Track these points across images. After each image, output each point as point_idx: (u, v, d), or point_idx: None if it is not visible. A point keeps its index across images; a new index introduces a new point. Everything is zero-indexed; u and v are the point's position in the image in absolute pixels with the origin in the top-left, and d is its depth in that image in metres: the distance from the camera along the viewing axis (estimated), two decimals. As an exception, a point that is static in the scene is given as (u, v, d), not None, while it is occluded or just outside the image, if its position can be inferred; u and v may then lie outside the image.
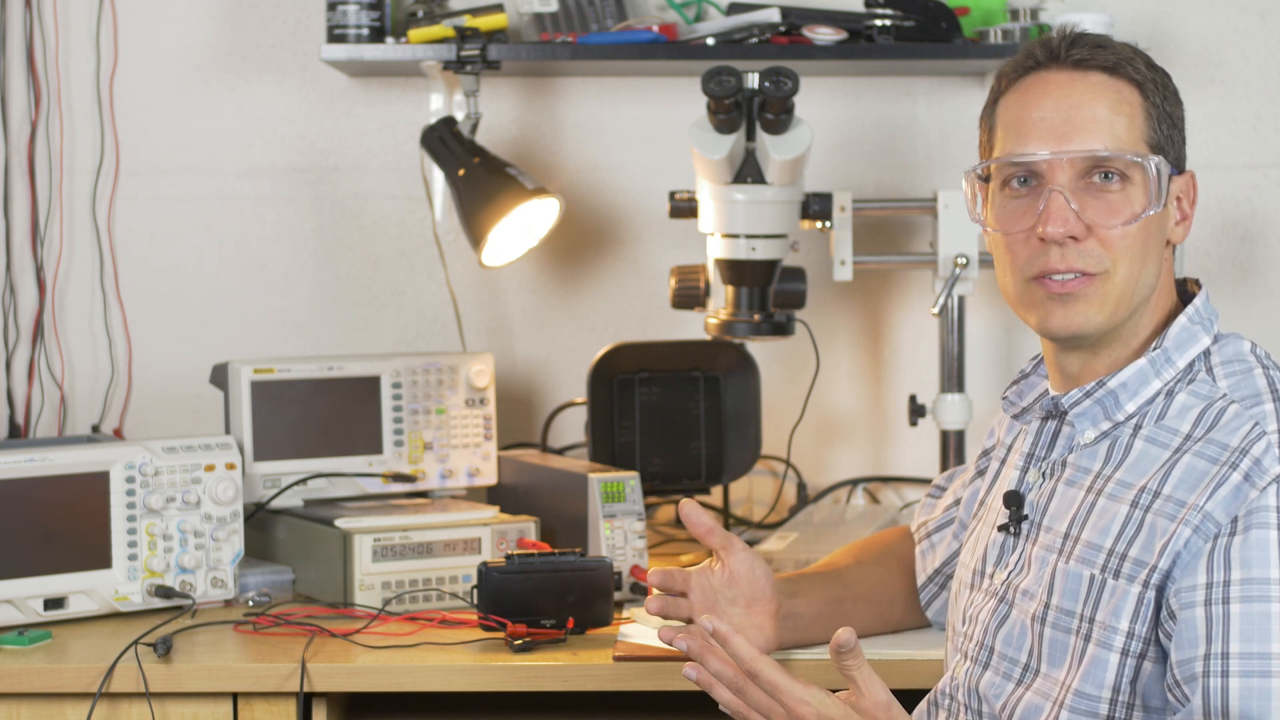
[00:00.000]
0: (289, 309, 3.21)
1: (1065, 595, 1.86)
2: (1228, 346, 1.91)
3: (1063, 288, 1.88)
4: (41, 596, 2.48)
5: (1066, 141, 1.88)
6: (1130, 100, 1.90)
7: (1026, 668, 1.89)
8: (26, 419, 3.16)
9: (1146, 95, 1.91)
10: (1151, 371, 1.89)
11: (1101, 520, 1.85)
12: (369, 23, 2.98)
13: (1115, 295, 1.88)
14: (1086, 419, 1.92)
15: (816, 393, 3.11)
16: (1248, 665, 1.72)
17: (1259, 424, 1.80)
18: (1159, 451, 1.85)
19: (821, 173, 3.12)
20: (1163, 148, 1.91)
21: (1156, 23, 3.16)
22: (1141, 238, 1.88)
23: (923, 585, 2.31)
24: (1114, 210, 1.88)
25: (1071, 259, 1.87)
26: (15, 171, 3.16)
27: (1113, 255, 1.87)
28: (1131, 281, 1.88)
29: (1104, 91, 1.89)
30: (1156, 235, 1.90)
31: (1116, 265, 1.87)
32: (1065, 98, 1.89)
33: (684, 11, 3.07)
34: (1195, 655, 1.74)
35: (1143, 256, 1.89)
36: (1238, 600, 1.74)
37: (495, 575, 2.39)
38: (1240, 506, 1.76)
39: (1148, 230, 1.89)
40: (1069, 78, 1.90)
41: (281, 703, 2.31)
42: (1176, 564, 1.78)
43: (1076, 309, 1.88)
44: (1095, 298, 1.88)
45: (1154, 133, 1.90)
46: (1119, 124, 1.88)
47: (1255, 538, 1.75)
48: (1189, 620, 1.76)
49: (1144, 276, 1.89)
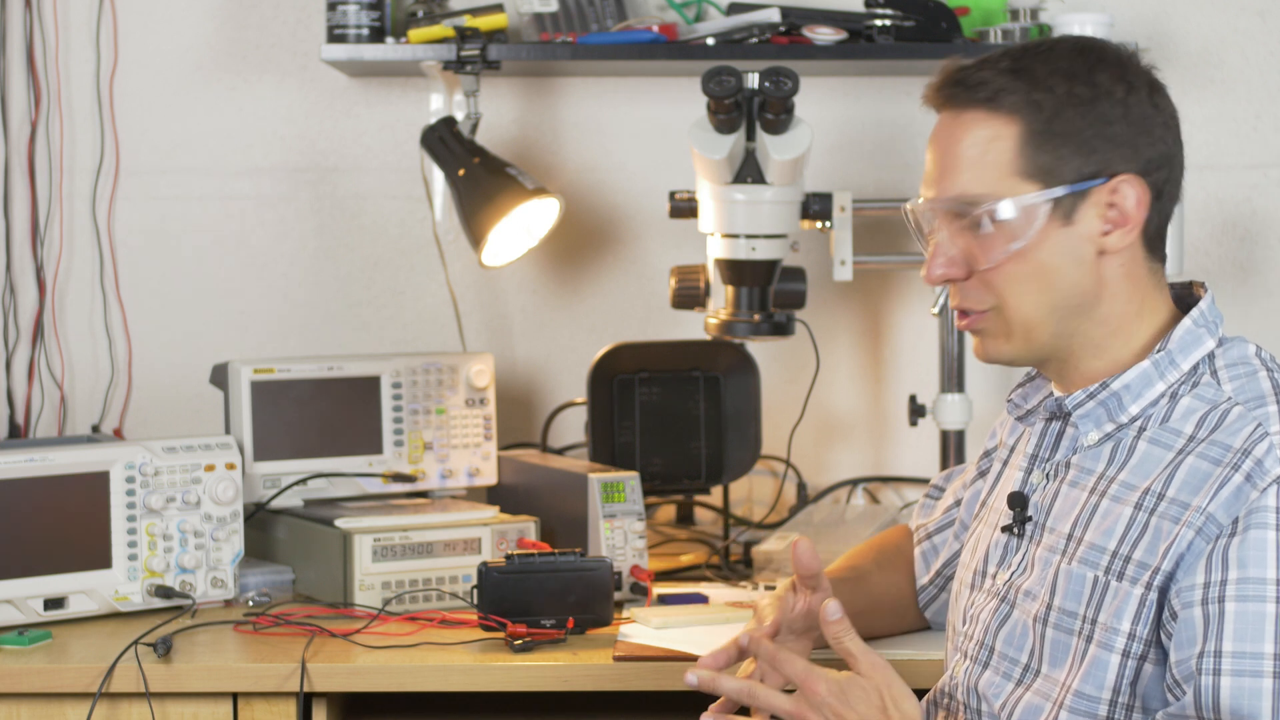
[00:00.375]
0: (289, 309, 3.21)
1: (1068, 596, 1.86)
2: (1232, 350, 1.91)
3: (965, 324, 1.94)
4: (41, 596, 2.48)
5: (935, 188, 1.91)
6: (1000, 134, 1.87)
7: (1027, 668, 1.90)
8: (26, 419, 3.16)
9: (1025, 122, 1.87)
10: (1155, 374, 1.89)
11: (1105, 522, 1.85)
12: (369, 23, 2.98)
13: (1016, 326, 1.90)
14: (1090, 420, 1.92)
15: (816, 393, 3.11)
16: (1240, 664, 1.72)
17: (1262, 425, 1.80)
18: (1162, 453, 1.85)
19: (821, 173, 3.12)
20: (1048, 171, 1.86)
21: (1156, 23, 3.16)
22: (1031, 268, 1.87)
23: (923, 587, 2.31)
24: (985, 249, 1.89)
25: (961, 299, 1.93)
26: (15, 171, 3.16)
27: (995, 291, 1.89)
28: (1027, 312, 1.89)
29: (971, 130, 1.88)
30: (1058, 259, 1.87)
31: (1003, 299, 1.89)
32: (940, 142, 1.92)
33: (684, 11, 3.07)
34: (1191, 654, 1.75)
35: (1036, 285, 1.88)
36: (1233, 599, 1.74)
37: (495, 575, 2.39)
38: (1241, 507, 1.77)
39: (1038, 260, 1.87)
40: (948, 120, 1.91)
41: (281, 703, 2.31)
42: (1180, 566, 1.78)
43: (985, 342, 1.94)
44: (995, 331, 1.92)
45: (1033, 160, 1.86)
46: (983, 165, 1.87)
47: (1254, 538, 1.75)
48: (1188, 619, 1.76)
49: (1051, 300, 1.88)
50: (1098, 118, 1.87)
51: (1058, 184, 1.86)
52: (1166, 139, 1.93)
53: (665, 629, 2.41)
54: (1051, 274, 1.88)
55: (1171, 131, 1.94)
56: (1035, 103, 1.87)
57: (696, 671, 1.92)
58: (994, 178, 1.88)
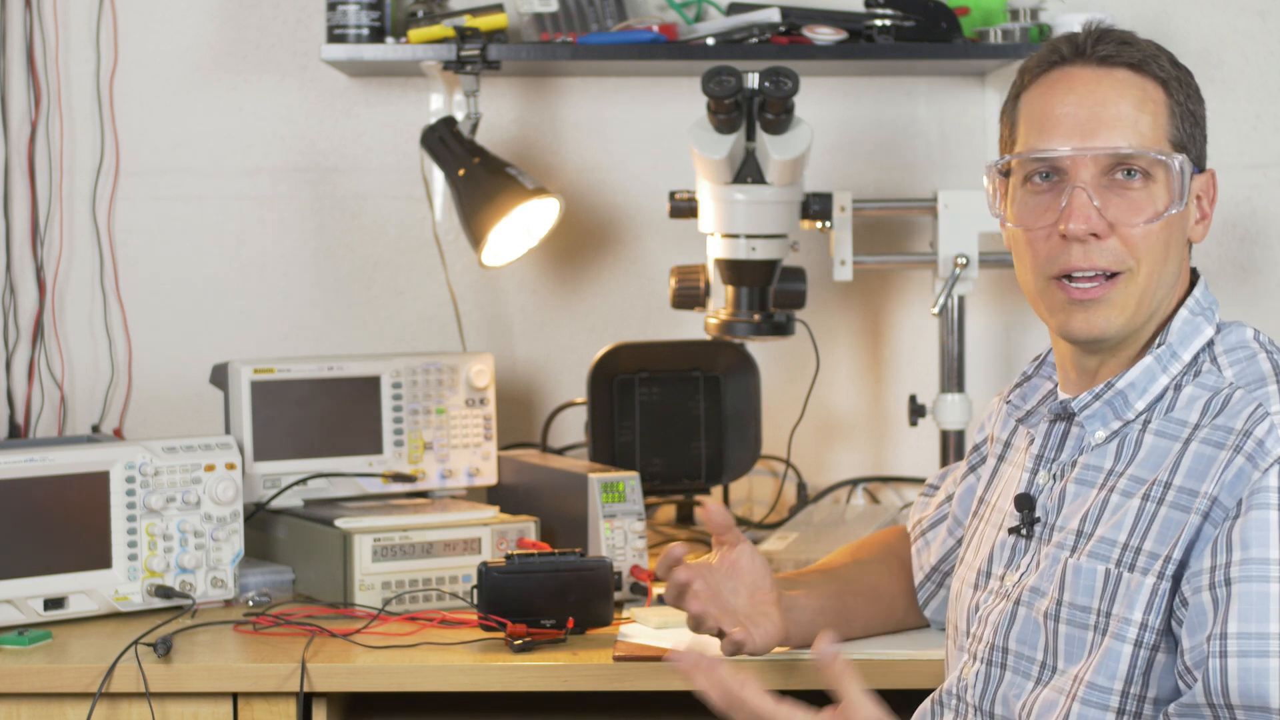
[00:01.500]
0: (289, 309, 3.21)
1: (1078, 591, 1.86)
2: (1230, 335, 1.91)
3: (1085, 294, 1.87)
4: (41, 596, 2.48)
5: (1091, 138, 1.87)
6: (1155, 98, 1.89)
7: (1044, 665, 1.89)
8: (26, 419, 3.16)
9: (1171, 93, 1.90)
10: (1158, 368, 1.89)
11: (1115, 516, 1.85)
12: (369, 23, 2.98)
13: (1136, 296, 1.88)
14: (1097, 420, 1.92)
15: (816, 393, 3.11)
16: (1245, 645, 1.72)
17: (1262, 405, 1.81)
18: (1168, 444, 1.85)
19: (821, 173, 3.12)
20: (1185, 146, 1.90)
21: (1156, 23, 3.16)
22: (1163, 237, 1.88)
23: (920, 583, 2.31)
24: (1137, 208, 1.87)
25: (1094, 257, 1.87)
26: (15, 171, 3.16)
27: (1135, 254, 1.87)
28: (1153, 281, 1.88)
29: (1129, 89, 1.89)
30: (1178, 234, 1.90)
31: (1140, 264, 1.87)
32: (1090, 94, 1.89)
33: (684, 11, 3.07)
34: (1202, 639, 1.75)
35: (1164, 256, 1.88)
36: (1237, 581, 1.74)
37: (495, 575, 2.39)
38: (1244, 488, 1.77)
39: (1169, 229, 1.88)
40: (1094, 74, 1.90)
41: (281, 703, 2.31)
42: (1190, 553, 1.78)
43: (1098, 313, 1.88)
44: (1117, 301, 1.88)
45: (1177, 131, 1.89)
46: (1143, 121, 1.87)
47: (1255, 518, 1.75)
48: (1197, 605, 1.76)
49: (1164, 276, 1.89)
50: (1202, 109, 1.93)
51: (1194, 161, 1.90)
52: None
53: (665, 629, 2.41)
54: (1173, 248, 1.90)
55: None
56: (1176, 78, 1.90)
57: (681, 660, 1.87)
58: (1154, 138, 1.88)
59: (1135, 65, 1.90)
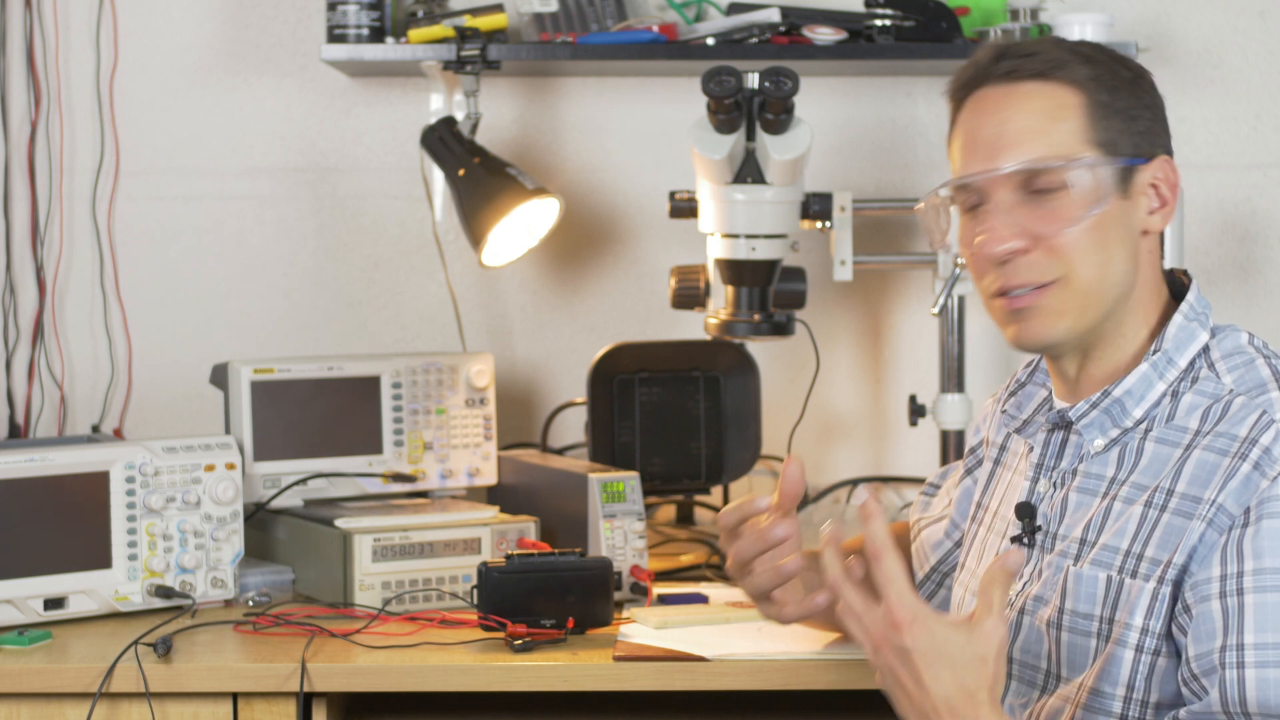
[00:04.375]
0: (289, 309, 3.21)
1: (1081, 599, 1.86)
2: (1226, 340, 1.91)
3: (1018, 302, 1.88)
4: (41, 596, 2.48)
5: (998, 158, 1.88)
6: (1066, 103, 1.88)
7: (1049, 674, 1.89)
8: (26, 419, 3.16)
9: (1089, 93, 1.88)
10: (1154, 375, 1.89)
11: (1117, 524, 1.85)
12: (369, 23, 2.99)
13: (1078, 299, 1.87)
14: (1095, 429, 1.91)
15: (816, 393, 3.11)
16: (1263, 655, 1.72)
17: (1266, 412, 1.80)
18: (1170, 451, 1.85)
19: (821, 173, 3.12)
20: (1112, 143, 1.88)
21: (1156, 23, 3.16)
22: (1096, 237, 1.87)
23: (920, 582, 2.31)
24: (1056, 217, 1.87)
25: (1022, 273, 1.88)
26: (15, 171, 3.16)
27: (1064, 261, 1.86)
28: (1094, 282, 1.87)
29: (1035, 100, 1.89)
30: (1118, 230, 1.88)
31: (1073, 269, 1.87)
32: (997, 113, 1.90)
33: (684, 11, 3.07)
34: (1212, 648, 1.74)
35: (1102, 255, 1.87)
36: (1251, 591, 1.74)
37: (495, 575, 2.39)
38: (1251, 496, 1.76)
39: (1103, 229, 1.87)
40: (1001, 92, 1.90)
41: (281, 703, 2.31)
42: (1192, 558, 1.78)
43: (1037, 321, 1.88)
44: (1054, 307, 1.88)
45: (1098, 130, 1.88)
46: (1057, 130, 1.87)
47: (1267, 528, 1.75)
48: (1205, 613, 1.76)
49: (1110, 274, 1.88)
50: (1142, 97, 1.91)
51: (1119, 156, 1.88)
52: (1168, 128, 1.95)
53: (665, 629, 2.41)
54: (1112, 246, 1.88)
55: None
56: (1095, 76, 1.88)
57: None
58: (1068, 144, 1.87)
59: (1042, 74, 1.89)
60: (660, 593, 2.62)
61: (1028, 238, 1.87)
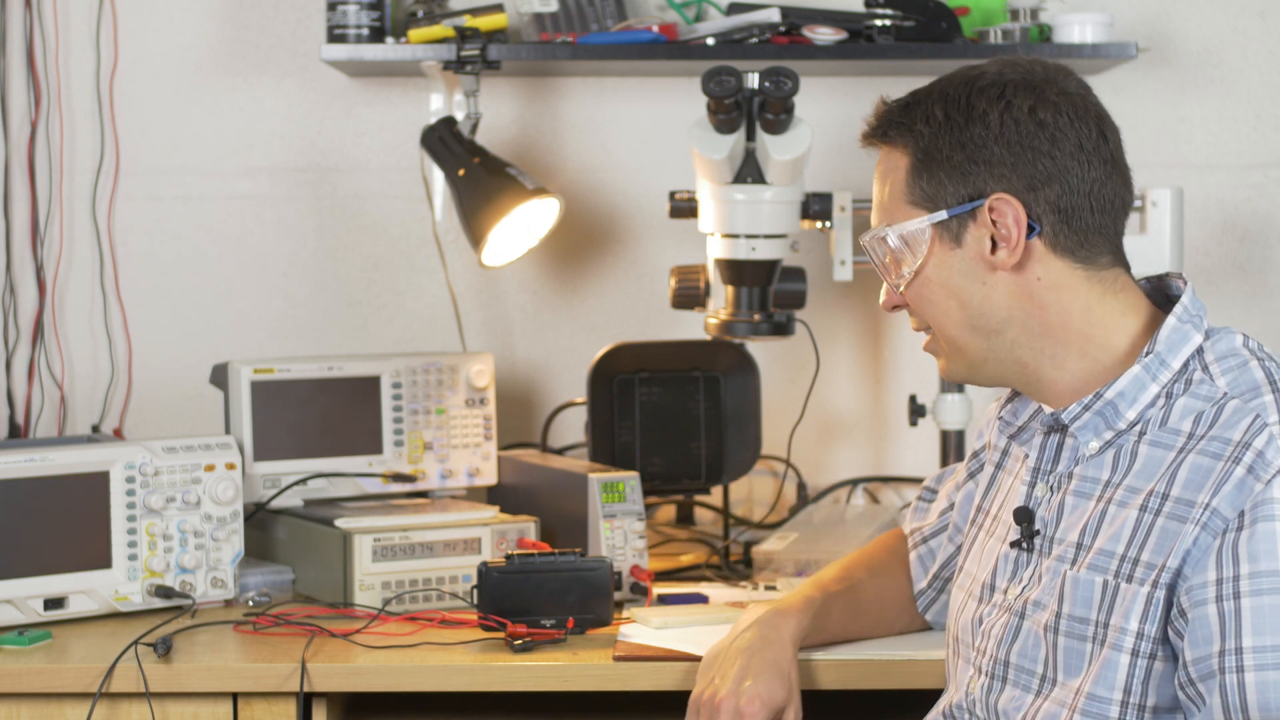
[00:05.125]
0: (289, 309, 3.21)
1: (1077, 603, 1.86)
2: (1220, 342, 1.91)
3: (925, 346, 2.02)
4: (41, 596, 2.48)
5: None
6: (896, 164, 1.96)
7: (1044, 678, 1.89)
8: (26, 419, 3.16)
9: (910, 148, 1.94)
10: (1147, 377, 1.89)
11: (1112, 527, 1.85)
12: (369, 23, 2.99)
13: (949, 345, 1.97)
14: (1089, 430, 1.91)
15: (816, 393, 3.11)
16: (1262, 659, 1.72)
17: (1260, 416, 1.80)
18: (1164, 454, 1.85)
19: (821, 173, 3.12)
20: (934, 195, 1.92)
21: (1156, 23, 3.16)
22: (936, 290, 1.94)
23: (921, 591, 2.31)
24: (894, 275, 1.98)
25: (911, 321, 2.01)
26: (15, 171, 3.16)
27: (921, 315, 1.98)
28: (951, 333, 1.95)
29: (881, 164, 2.00)
30: (956, 279, 1.93)
31: (928, 321, 1.98)
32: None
33: (684, 11, 3.07)
34: (1210, 653, 1.75)
35: (944, 307, 1.94)
36: (1248, 595, 1.74)
37: (495, 575, 2.39)
38: (1245, 500, 1.77)
39: (940, 281, 1.94)
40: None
41: (281, 703, 2.31)
42: (1186, 562, 1.78)
43: (942, 363, 2.00)
44: (939, 351, 2.00)
45: (917, 188, 1.93)
46: (884, 193, 1.98)
47: (1262, 531, 1.75)
48: (1201, 618, 1.76)
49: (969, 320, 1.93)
50: (969, 141, 1.91)
51: (940, 208, 1.92)
52: (1055, 154, 1.90)
53: (665, 629, 2.41)
54: (957, 294, 1.93)
55: (1063, 146, 1.90)
56: (917, 133, 1.93)
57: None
58: (893, 208, 1.96)
59: (881, 137, 1.98)
60: (660, 593, 2.62)
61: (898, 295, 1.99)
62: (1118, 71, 3.13)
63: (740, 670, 2.10)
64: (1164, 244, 2.90)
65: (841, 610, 2.26)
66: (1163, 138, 3.17)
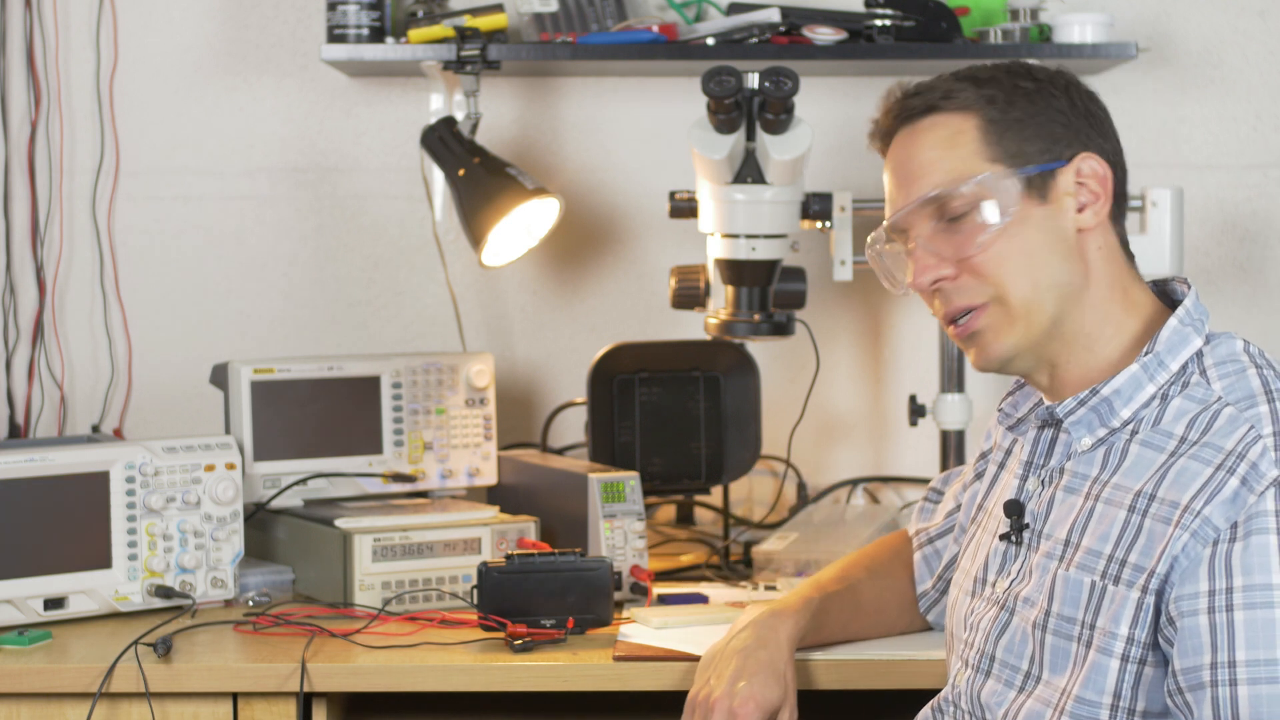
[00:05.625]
0: (289, 309, 3.21)
1: (1066, 602, 1.86)
2: (1220, 347, 1.91)
3: (963, 330, 1.94)
4: (41, 596, 2.48)
5: (905, 196, 1.95)
6: (963, 127, 1.93)
7: (1028, 675, 1.89)
8: (26, 419, 3.16)
9: (982, 113, 1.93)
10: (1145, 376, 1.89)
11: (1100, 526, 1.85)
12: (369, 23, 2.98)
13: (1017, 313, 1.91)
14: (1083, 426, 1.92)
15: (816, 393, 3.11)
16: (1255, 672, 1.72)
17: (1254, 427, 1.80)
18: (1154, 455, 1.85)
19: (821, 173, 3.12)
20: (1015, 154, 1.91)
21: (1156, 23, 3.16)
22: (1018, 247, 1.90)
23: (924, 592, 2.31)
24: (969, 239, 1.91)
25: (954, 299, 1.93)
26: (15, 171, 3.16)
27: (992, 280, 1.90)
28: (1029, 292, 1.90)
29: (931, 133, 1.95)
30: (1044, 237, 1.91)
31: (1002, 286, 1.90)
32: (899, 153, 1.98)
33: (684, 11, 3.07)
34: (1201, 664, 1.74)
35: (1029, 265, 1.90)
36: (1241, 607, 1.74)
37: (495, 575, 2.39)
38: (1239, 512, 1.76)
39: (1023, 238, 1.90)
40: (904, 133, 1.98)
41: (281, 703, 2.31)
42: (1174, 569, 1.78)
43: (983, 342, 1.93)
44: (996, 325, 1.92)
45: (998, 146, 1.92)
46: (953, 156, 1.92)
47: (1256, 543, 1.75)
48: (1192, 628, 1.76)
49: (1045, 281, 1.90)
50: (1048, 106, 1.93)
51: (1027, 164, 1.91)
52: (1114, 138, 1.97)
53: (665, 629, 2.41)
54: (1039, 252, 1.90)
55: (1115, 133, 1.98)
56: (987, 96, 1.93)
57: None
58: (967, 167, 1.92)
59: (934, 107, 1.95)
60: (660, 593, 2.62)
61: (951, 264, 1.92)
62: (1118, 71, 3.13)
63: (735, 671, 2.09)
64: (1164, 244, 2.90)
65: (840, 610, 2.26)
66: (1163, 138, 3.17)
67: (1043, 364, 1.95)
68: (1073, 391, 1.93)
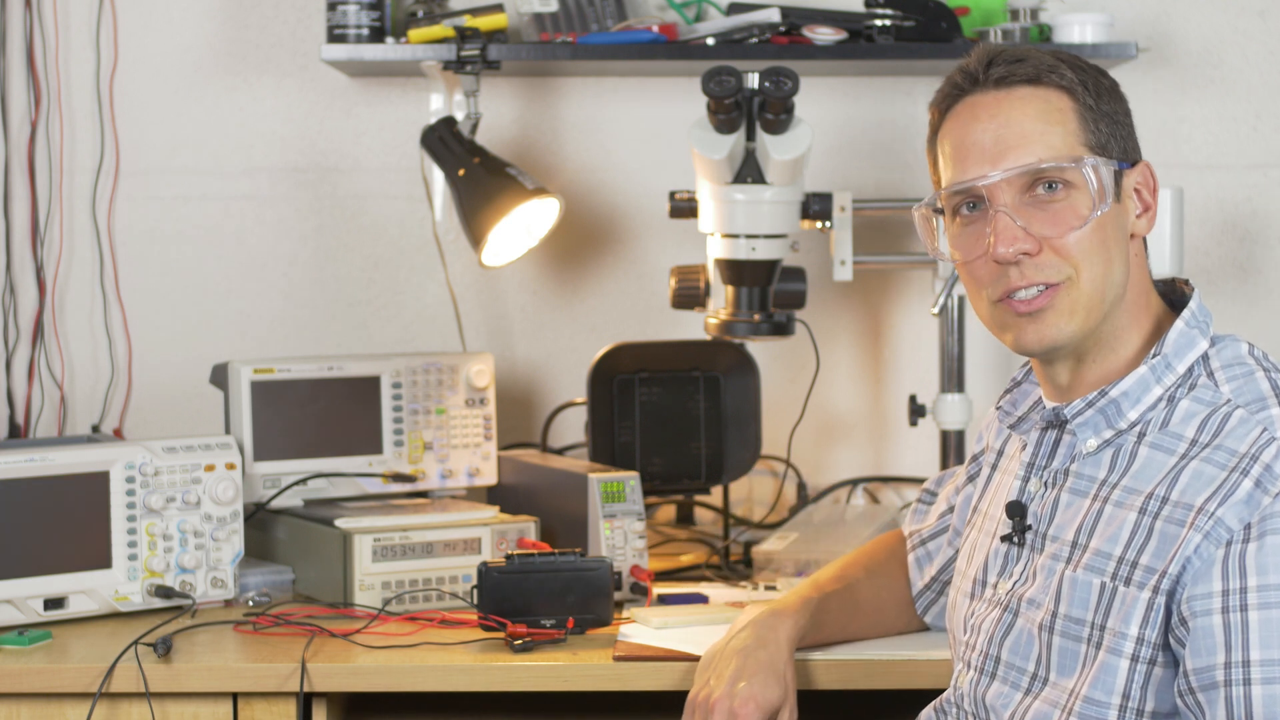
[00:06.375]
0: (289, 309, 3.21)
1: (1074, 604, 1.86)
2: (1226, 350, 1.91)
3: (1030, 305, 1.89)
4: (41, 596, 2.48)
5: (1001, 161, 1.89)
6: (1060, 107, 1.90)
7: (1035, 677, 1.89)
8: (26, 419, 3.16)
9: (1078, 98, 1.91)
10: (1152, 379, 1.89)
11: (1109, 528, 1.85)
12: (369, 23, 2.98)
13: (1084, 300, 1.88)
14: (1089, 428, 1.91)
15: (816, 393, 3.11)
16: (1269, 672, 1.72)
17: (1267, 429, 1.80)
18: (1165, 458, 1.85)
19: (821, 173, 3.12)
20: (1104, 146, 1.90)
21: (1156, 23, 3.16)
22: (1098, 238, 1.88)
23: (919, 593, 2.31)
24: (1060, 219, 1.88)
25: (1030, 274, 1.88)
26: (15, 171, 3.16)
27: (1071, 262, 1.88)
28: (1098, 283, 1.88)
29: (1030, 104, 1.90)
30: (1115, 233, 1.90)
31: (1078, 270, 1.88)
32: (993, 118, 1.90)
33: (684, 11, 3.07)
34: (1214, 664, 1.74)
35: (1104, 256, 1.88)
36: (1256, 607, 1.74)
37: (495, 575, 2.39)
38: (1253, 513, 1.76)
39: (1103, 230, 1.89)
40: (994, 98, 1.91)
41: (281, 703, 2.31)
42: (1187, 569, 1.78)
43: (1047, 321, 1.89)
44: (1063, 307, 1.89)
45: (1090, 133, 1.90)
46: (1053, 133, 1.89)
47: (1270, 544, 1.75)
48: (1205, 628, 1.75)
49: (1110, 276, 1.89)
50: (1122, 107, 1.94)
51: (1113, 158, 1.90)
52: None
53: (665, 629, 2.41)
54: (1112, 246, 1.90)
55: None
56: (1082, 82, 1.91)
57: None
58: (1065, 147, 1.89)
59: (1033, 80, 1.91)
60: (660, 593, 2.62)
61: (1033, 240, 1.88)
62: (1118, 71, 3.13)
63: (735, 671, 2.09)
64: (1164, 244, 2.90)
65: (839, 610, 2.26)
66: (1163, 138, 3.17)
67: (1072, 359, 1.93)
68: (1085, 391, 1.92)
